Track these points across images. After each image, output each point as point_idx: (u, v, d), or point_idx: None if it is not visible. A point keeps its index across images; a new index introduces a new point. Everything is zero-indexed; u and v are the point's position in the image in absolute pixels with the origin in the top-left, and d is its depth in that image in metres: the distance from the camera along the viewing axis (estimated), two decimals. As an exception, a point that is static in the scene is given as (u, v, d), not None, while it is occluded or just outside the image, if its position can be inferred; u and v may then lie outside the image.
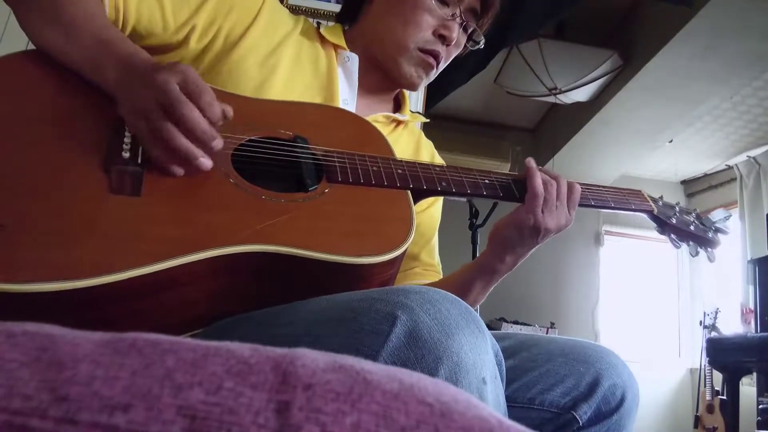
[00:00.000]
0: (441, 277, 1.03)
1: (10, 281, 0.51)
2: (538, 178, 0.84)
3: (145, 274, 0.56)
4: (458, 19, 0.95)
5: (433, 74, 0.99)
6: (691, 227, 0.99)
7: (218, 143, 0.65)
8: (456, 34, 0.95)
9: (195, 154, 0.63)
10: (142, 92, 0.63)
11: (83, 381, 0.24)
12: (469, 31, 0.99)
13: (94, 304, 0.56)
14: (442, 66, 0.99)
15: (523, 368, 0.78)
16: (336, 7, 2.16)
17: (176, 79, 0.63)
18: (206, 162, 0.65)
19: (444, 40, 0.94)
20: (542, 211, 0.83)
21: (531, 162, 0.87)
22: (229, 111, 0.66)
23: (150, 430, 0.22)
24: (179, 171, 0.64)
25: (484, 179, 0.85)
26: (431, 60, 0.95)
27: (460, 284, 0.91)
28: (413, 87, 0.99)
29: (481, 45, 1.01)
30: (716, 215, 1.03)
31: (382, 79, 0.99)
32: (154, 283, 0.58)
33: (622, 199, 0.95)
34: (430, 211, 1.04)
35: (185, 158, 0.63)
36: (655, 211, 0.97)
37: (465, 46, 1.01)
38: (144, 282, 0.56)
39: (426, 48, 0.94)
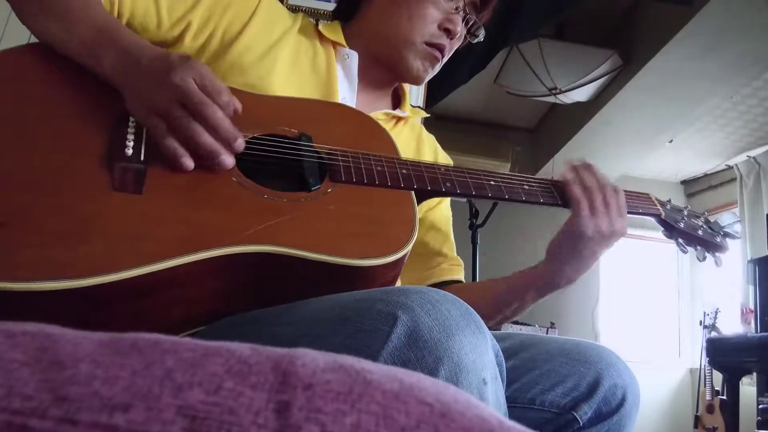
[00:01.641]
0: (462, 270, 1.03)
1: (11, 280, 0.51)
2: (573, 187, 0.83)
3: (145, 273, 0.56)
4: (461, 13, 0.96)
5: (438, 67, 0.99)
6: (699, 232, 0.97)
7: (241, 144, 0.66)
8: (460, 27, 0.95)
9: (219, 151, 0.64)
10: (157, 91, 0.63)
11: (83, 381, 0.24)
12: (470, 24, 0.99)
13: (94, 302, 0.56)
14: (445, 59, 0.99)
15: (523, 368, 0.78)
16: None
17: (192, 76, 0.63)
18: (228, 159, 0.65)
19: (449, 33, 0.95)
20: (589, 215, 0.82)
21: (568, 173, 0.85)
22: (239, 106, 0.68)
23: (150, 430, 0.22)
24: (190, 165, 0.65)
25: (489, 181, 0.84)
26: (437, 53, 0.95)
27: (508, 295, 0.91)
28: (419, 81, 0.98)
29: (481, 38, 1.01)
30: (725, 219, 1.02)
31: (382, 75, 0.99)
32: (154, 282, 0.57)
33: (629, 202, 0.93)
34: (441, 207, 1.04)
35: (207, 156, 0.64)
36: (663, 215, 0.95)
37: (465, 38, 1.01)
38: (144, 281, 0.56)
39: (432, 41, 0.94)
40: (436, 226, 1.02)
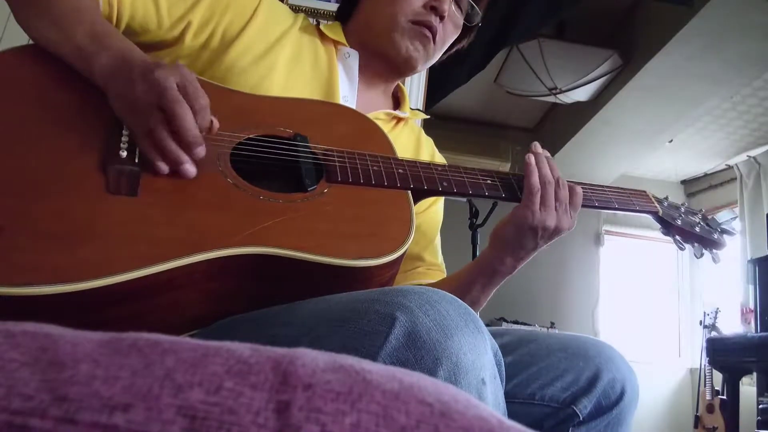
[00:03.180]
0: (445, 276, 1.03)
1: (8, 284, 0.51)
2: (535, 176, 0.83)
3: (142, 276, 0.56)
4: None
5: (432, 50, 0.97)
6: (697, 228, 0.98)
7: (201, 151, 0.65)
8: (447, 5, 0.94)
9: (181, 159, 0.64)
10: (139, 89, 0.63)
11: (83, 381, 0.24)
12: (463, 9, 0.98)
13: (92, 306, 0.56)
14: (441, 45, 0.98)
15: (522, 364, 0.78)
16: (336, 7, 2.16)
17: (175, 77, 0.63)
18: (190, 169, 0.65)
19: (435, 11, 0.94)
20: (539, 209, 0.82)
21: (530, 158, 0.85)
22: (216, 125, 0.67)
23: (150, 430, 0.22)
24: (165, 169, 0.64)
25: (486, 179, 0.85)
26: (426, 31, 0.94)
27: (460, 284, 0.91)
28: (410, 62, 0.97)
29: (478, 21, 1.01)
30: (722, 216, 1.03)
31: (380, 67, 0.99)
32: (152, 285, 0.57)
33: (627, 199, 0.93)
34: (431, 211, 1.03)
35: (172, 162, 0.64)
36: (660, 213, 0.95)
37: (464, 30, 1.00)
38: (142, 284, 0.56)
39: (417, 19, 0.93)
40: (421, 229, 1.01)
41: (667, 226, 0.97)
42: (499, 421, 0.26)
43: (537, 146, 0.88)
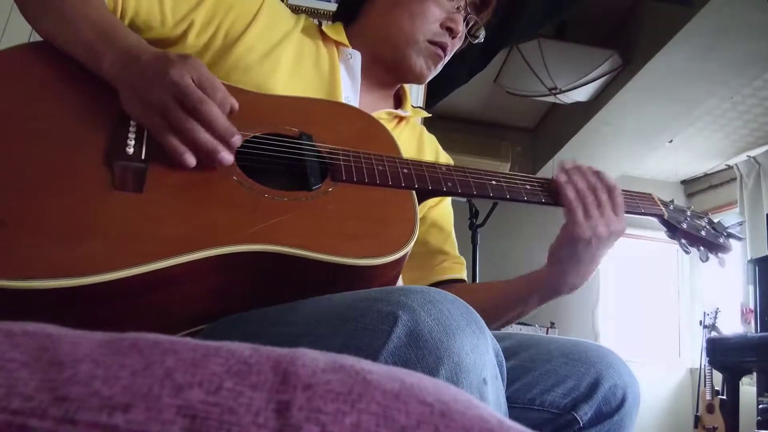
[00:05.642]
0: (464, 270, 1.03)
1: (11, 278, 0.51)
2: (572, 192, 0.82)
3: (145, 272, 0.56)
4: (463, 12, 0.96)
5: (440, 67, 0.99)
6: (702, 232, 0.96)
7: (237, 139, 0.65)
8: (462, 26, 0.96)
9: (217, 149, 0.64)
10: (155, 88, 0.63)
11: (83, 381, 0.24)
12: (470, 24, 1.00)
13: (95, 301, 0.56)
14: (447, 58, 1.00)
15: (523, 369, 0.78)
16: (335, 7, 2.16)
17: (190, 74, 0.63)
18: (228, 156, 0.65)
19: (451, 32, 0.95)
20: (584, 221, 0.81)
21: (561, 177, 0.83)
22: (236, 105, 0.67)
23: (150, 430, 0.22)
24: (192, 161, 0.64)
25: (491, 180, 0.84)
26: (440, 51, 0.96)
27: (509, 299, 0.91)
28: (421, 79, 0.99)
29: (482, 39, 1.02)
30: (728, 220, 1.01)
31: (385, 74, 0.99)
32: (154, 281, 0.57)
33: (632, 202, 0.92)
34: (443, 205, 1.05)
35: (207, 153, 0.64)
36: (666, 216, 0.94)
37: (465, 39, 1.01)
38: (144, 280, 0.56)
39: (435, 40, 0.95)
40: (437, 224, 1.02)
41: (673, 230, 0.96)
42: (500, 421, 0.26)
43: (566, 162, 0.86)
